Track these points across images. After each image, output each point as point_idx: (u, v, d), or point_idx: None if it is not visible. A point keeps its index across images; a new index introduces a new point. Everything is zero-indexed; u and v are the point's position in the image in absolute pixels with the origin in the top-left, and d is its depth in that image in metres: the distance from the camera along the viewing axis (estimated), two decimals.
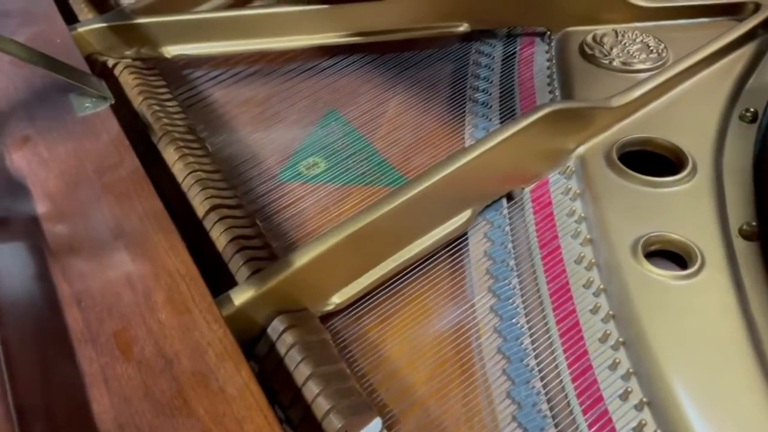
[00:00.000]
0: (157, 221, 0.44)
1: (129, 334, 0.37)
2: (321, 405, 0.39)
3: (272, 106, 0.72)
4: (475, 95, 0.69)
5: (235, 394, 0.34)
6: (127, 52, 0.71)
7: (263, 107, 0.72)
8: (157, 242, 0.42)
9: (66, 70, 0.55)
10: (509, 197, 0.57)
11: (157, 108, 0.63)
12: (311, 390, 0.40)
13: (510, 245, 0.53)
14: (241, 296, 0.43)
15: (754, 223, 0.52)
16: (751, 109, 0.63)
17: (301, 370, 0.41)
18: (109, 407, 0.34)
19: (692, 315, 0.46)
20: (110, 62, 0.69)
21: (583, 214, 0.54)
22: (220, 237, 0.50)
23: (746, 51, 0.69)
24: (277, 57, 0.76)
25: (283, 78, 0.74)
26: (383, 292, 0.50)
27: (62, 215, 0.45)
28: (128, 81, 0.66)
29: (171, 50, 0.72)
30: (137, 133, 0.61)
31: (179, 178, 0.56)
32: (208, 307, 0.38)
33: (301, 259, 0.45)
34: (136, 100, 0.64)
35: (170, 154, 0.58)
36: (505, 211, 0.55)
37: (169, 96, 0.66)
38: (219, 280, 0.48)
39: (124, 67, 0.68)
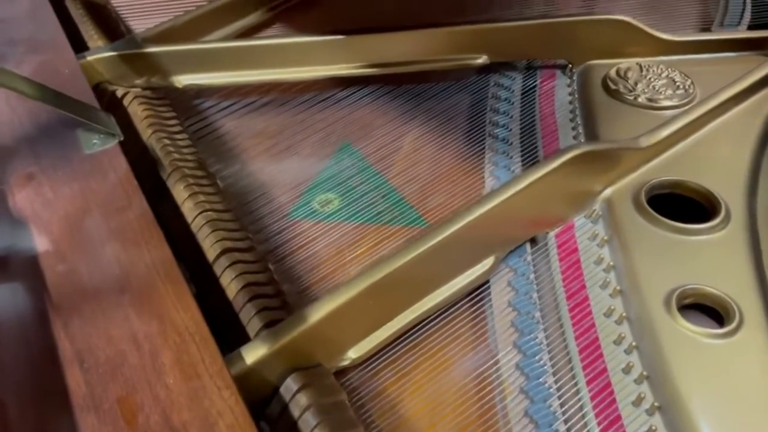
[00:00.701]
0: (165, 271, 0.41)
1: (134, 400, 0.34)
2: None
3: (285, 138, 0.70)
4: (495, 131, 0.67)
5: None
6: (137, 81, 0.69)
7: (276, 140, 0.69)
8: (165, 295, 0.40)
9: (73, 105, 0.53)
10: (533, 241, 0.54)
11: (167, 142, 0.61)
12: None
13: (535, 295, 0.50)
14: (252, 354, 0.41)
15: None
16: None
17: None
18: None
19: (731, 377, 0.44)
20: (119, 92, 0.67)
21: (611, 263, 0.52)
22: (231, 284, 0.48)
23: None
24: (290, 87, 0.73)
25: (297, 109, 0.72)
26: (401, 344, 0.47)
27: (66, 263, 0.43)
28: (138, 112, 0.64)
29: (182, 80, 0.70)
30: (146, 166, 0.59)
31: (189, 217, 0.53)
32: (219, 371, 0.36)
33: (317, 313, 0.43)
34: (146, 133, 0.62)
35: (180, 192, 0.55)
36: (529, 257, 0.53)
37: (179, 128, 0.64)
38: (229, 325, 0.46)
39: (134, 97, 0.66)
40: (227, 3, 0.79)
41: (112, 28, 0.78)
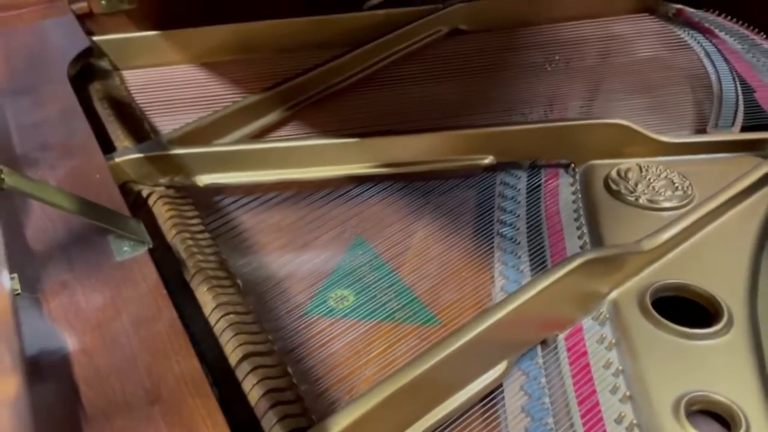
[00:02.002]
0: (194, 385, 0.43)
1: None
2: None
3: (301, 234, 0.72)
4: (503, 230, 0.70)
5: None
6: (162, 180, 0.73)
7: (292, 235, 0.72)
8: (194, 409, 0.42)
9: (106, 215, 0.56)
10: (543, 343, 0.56)
11: (191, 242, 0.64)
12: None
13: (547, 400, 0.51)
14: None
15: None
16: None
17: None
18: None
19: None
20: (144, 191, 0.70)
21: (620, 367, 0.53)
22: (252, 390, 0.49)
23: None
24: (306, 184, 0.77)
25: (312, 206, 0.75)
26: None
27: (98, 373, 0.44)
28: (162, 212, 0.67)
29: (203, 179, 0.74)
30: (170, 265, 0.61)
31: (212, 320, 0.56)
32: None
33: (338, 425, 0.44)
34: (170, 234, 0.65)
35: (203, 294, 0.58)
36: (540, 360, 0.55)
37: (201, 227, 0.67)
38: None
39: (158, 197, 0.69)
40: (246, 105, 0.84)
41: (136, 127, 0.82)
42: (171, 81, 0.97)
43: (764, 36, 0.99)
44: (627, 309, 0.58)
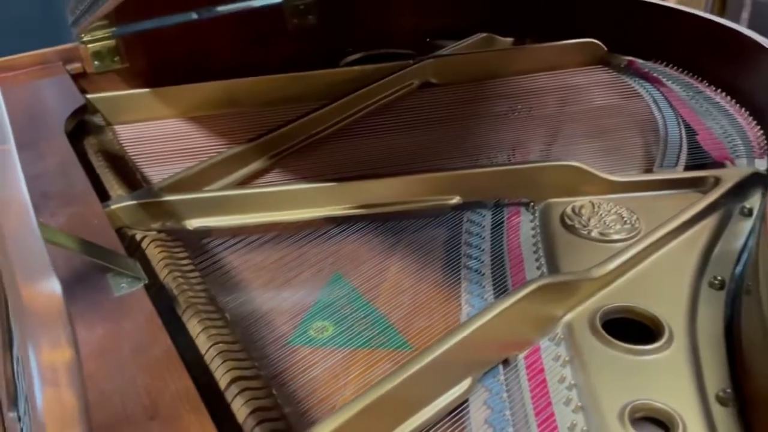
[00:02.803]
0: (188, 401, 0.48)
1: None
2: None
3: (284, 272, 0.78)
4: (469, 263, 0.76)
5: None
6: (154, 225, 0.79)
7: (275, 273, 0.78)
8: (189, 423, 0.47)
9: (104, 254, 0.61)
10: (505, 363, 0.62)
11: (182, 281, 0.69)
12: None
13: (508, 412, 0.57)
14: None
15: (728, 390, 0.57)
16: (719, 277, 0.69)
17: None
18: None
19: None
20: (138, 236, 0.76)
21: (573, 381, 0.59)
22: (240, 409, 0.54)
23: (710, 221, 0.78)
24: (288, 225, 0.83)
25: (294, 245, 0.81)
26: None
27: (102, 396, 0.49)
28: (155, 254, 0.73)
29: (193, 223, 0.80)
30: (163, 303, 0.66)
31: (203, 349, 0.61)
32: None
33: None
34: (163, 273, 0.70)
35: (194, 326, 0.63)
36: (502, 377, 0.60)
37: (191, 267, 0.73)
38: None
39: (151, 241, 0.75)
40: (232, 155, 0.90)
41: (129, 177, 0.89)
42: (161, 134, 1.04)
43: (707, 84, 1.09)
44: (579, 330, 0.64)
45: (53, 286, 0.24)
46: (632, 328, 0.65)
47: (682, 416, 0.55)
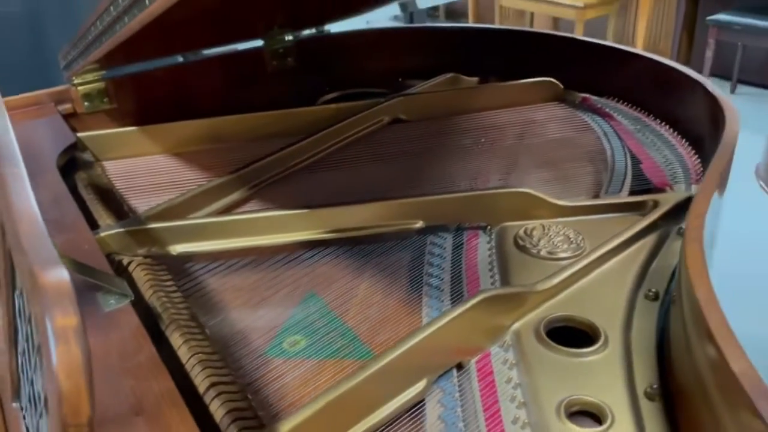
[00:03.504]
0: (170, 399, 0.55)
1: None
2: None
3: (260, 291, 0.84)
4: (430, 280, 0.83)
5: None
6: (139, 251, 0.85)
7: (252, 293, 0.84)
8: (170, 417, 0.53)
9: (95, 273, 0.68)
10: (459, 367, 0.69)
11: (165, 300, 0.75)
12: None
13: (459, 410, 0.63)
14: None
15: (655, 386, 0.64)
16: (653, 290, 0.77)
17: None
18: None
19: None
20: (125, 260, 0.82)
21: (518, 381, 0.66)
22: (218, 410, 0.60)
23: (648, 240, 0.86)
24: (265, 250, 0.90)
25: (270, 268, 0.88)
26: None
27: None
28: (140, 276, 0.80)
29: (176, 248, 0.87)
30: (149, 320, 0.73)
31: (183, 359, 0.67)
32: None
33: (286, 426, 0.55)
34: (148, 293, 0.77)
35: (176, 339, 0.69)
36: (455, 380, 0.67)
37: (174, 288, 0.79)
38: None
39: (137, 265, 0.81)
40: (213, 186, 0.98)
41: (117, 208, 0.95)
42: (146, 169, 1.11)
43: (653, 117, 1.18)
44: (526, 337, 0.71)
45: (62, 272, 0.30)
46: (574, 335, 0.72)
47: (613, 409, 0.61)
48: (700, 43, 4.03)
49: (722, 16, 3.70)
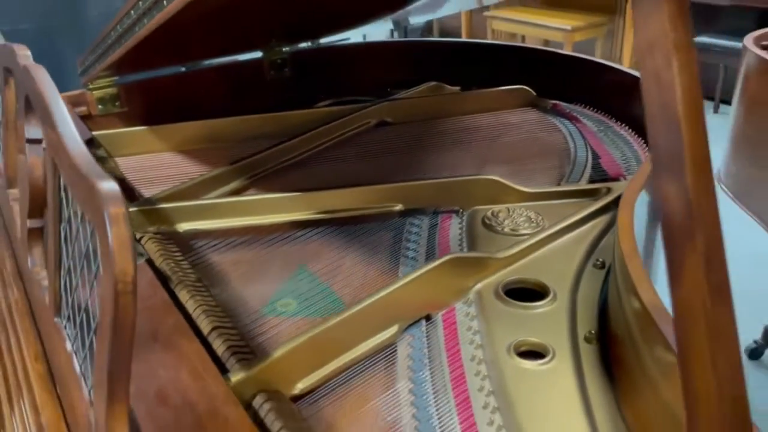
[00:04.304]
0: (179, 328, 0.65)
1: (167, 392, 0.57)
2: None
3: (257, 265, 0.95)
4: (407, 252, 0.94)
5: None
6: (150, 229, 0.96)
7: (250, 266, 0.95)
8: (181, 343, 0.64)
9: None
10: (428, 318, 0.79)
11: (174, 265, 0.86)
12: None
13: (426, 350, 0.74)
14: (233, 377, 0.64)
15: (593, 332, 0.75)
16: (601, 260, 0.88)
17: (275, 425, 0.60)
18: None
19: (548, 388, 0.67)
20: (137, 236, 0.94)
21: (477, 329, 0.77)
22: (219, 346, 0.71)
23: (601, 220, 0.97)
24: (262, 230, 1.01)
25: (266, 245, 0.99)
26: (337, 384, 0.70)
27: None
28: (152, 249, 0.91)
29: (183, 226, 0.98)
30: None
31: (190, 310, 0.78)
32: (215, 375, 0.59)
33: (273, 355, 0.66)
34: (158, 260, 0.88)
35: (183, 295, 0.80)
36: (424, 328, 0.78)
37: (182, 258, 0.90)
38: None
39: (149, 239, 0.93)
40: (214, 175, 1.09)
41: (128, 195, 1.07)
42: (155, 165, 1.23)
43: (614, 120, 1.30)
44: (486, 294, 0.82)
45: (112, 182, 0.41)
46: (529, 297, 0.83)
47: (555, 348, 0.72)
48: None
49: (704, 39, 3.86)
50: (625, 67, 1.32)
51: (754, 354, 2.03)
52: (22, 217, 0.68)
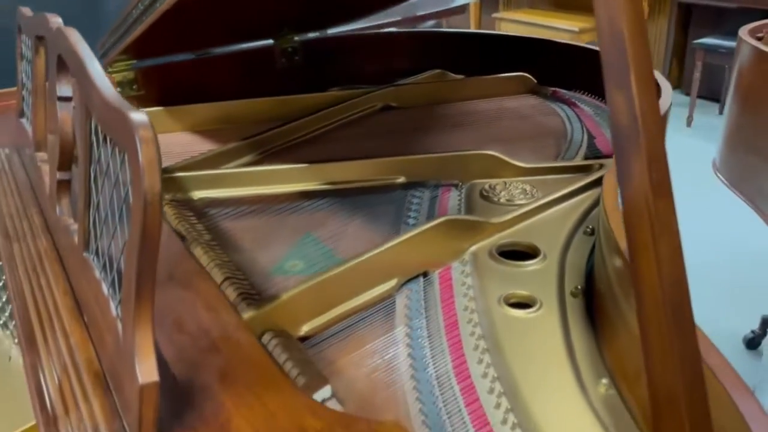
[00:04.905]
0: (198, 273, 0.71)
1: (183, 321, 0.63)
2: (292, 372, 0.64)
3: (267, 231, 1.01)
4: (408, 220, 1.00)
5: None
6: (166, 196, 1.02)
7: (259, 233, 1.01)
8: (195, 283, 0.69)
9: None
10: (425, 275, 0.85)
11: (188, 226, 0.92)
12: (290, 370, 0.65)
13: (422, 302, 0.80)
14: (244, 315, 0.69)
15: (579, 287, 0.80)
16: (590, 227, 0.93)
17: (281, 357, 0.66)
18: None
19: (535, 334, 0.73)
20: None
21: (471, 284, 0.82)
22: (232, 293, 0.77)
23: (593, 193, 1.02)
24: (271, 199, 1.07)
25: (275, 213, 1.05)
26: (339, 329, 0.76)
27: None
28: (169, 213, 0.97)
29: (196, 194, 1.04)
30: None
31: (204, 263, 0.83)
32: (227, 308, 0.65)
33: (281, 297, 0.72)
34: (174, 222, 0.94)
35: (198, 252, 0.86)
36: (422, 283, 0.83)
37: (197, 221, 0.96)
38: None
39: (165, 204, 0.99)
40: (228, 149, 1.15)
41: None
42: (170, 143, 1.29)
43: None
44: (481, 255, 0.87)
45: (142, 113, 0.47)
46: (522, 260, 0.89)
47: (542, 300, 0.78)
48: (690, 66, 4.23)
49: (709, 40, 3.90)
50: None
51: (752, 343, 2.07)
52: (51, 170, 0.74)
